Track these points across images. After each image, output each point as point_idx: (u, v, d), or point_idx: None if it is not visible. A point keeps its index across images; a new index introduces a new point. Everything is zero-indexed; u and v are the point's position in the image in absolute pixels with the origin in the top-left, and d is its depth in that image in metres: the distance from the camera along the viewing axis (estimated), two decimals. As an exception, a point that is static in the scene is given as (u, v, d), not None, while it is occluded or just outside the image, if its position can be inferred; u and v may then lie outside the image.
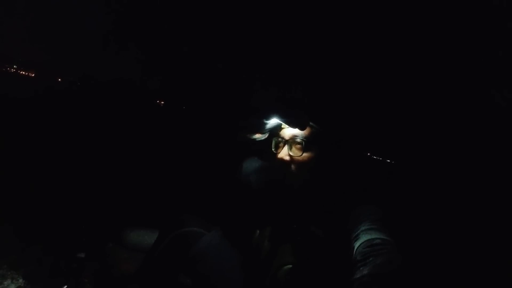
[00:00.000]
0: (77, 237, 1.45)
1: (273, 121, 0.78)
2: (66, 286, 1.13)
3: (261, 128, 0.79)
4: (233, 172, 0.99)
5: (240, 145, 0.86)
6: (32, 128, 4.02)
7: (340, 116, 0.83)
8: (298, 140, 0.77)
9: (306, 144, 0.77)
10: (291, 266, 0.74)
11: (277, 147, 0.82)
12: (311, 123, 0.78)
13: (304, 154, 0.77)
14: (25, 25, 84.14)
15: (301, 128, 0.75)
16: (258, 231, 0.88)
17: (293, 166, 0.79)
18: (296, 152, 0.78)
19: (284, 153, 0.79)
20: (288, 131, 0.80)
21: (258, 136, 0.82)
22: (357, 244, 0.61)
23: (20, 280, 1.12)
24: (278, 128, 0.81)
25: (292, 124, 0.75)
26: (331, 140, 0.79)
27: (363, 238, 0.61)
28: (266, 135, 0.83)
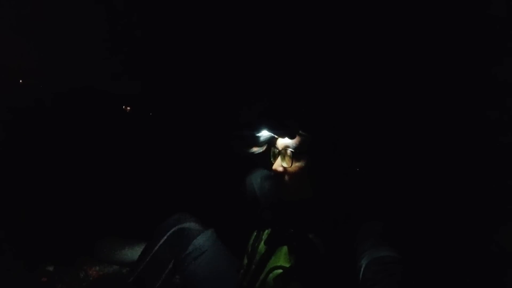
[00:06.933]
0: (45, 249, 1.36)
1: (265, 133, 0.76)
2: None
3: (255, 141, 0.78)
4: (236, 184, 0.99)
5: (238, 157, 0.83)
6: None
7: (332, 123, 0.81)
8: (289, 150, 0.76)
9: (295, 154, 0.75)
10: (281, 271, 0.74)
11: (274, 157, 0.81)
12: (300, 132, 0.76)
13: (295, 164, 0.76)
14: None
15: (291, 137, 0.73)
16: (255, 233, 0.88)
17: (286, 177, 0.78)
18: (287, 162, 0.76)
19: (277, 164, 0.78)
20: (281, 141, 0.79)
21: (255, 149, 0.81)
22: (365, 262, 0.60)
23: (-17, 296, 1.03)
24: (274, 138, 0.80)
25: (281, 134, 0.73)
26: (322, 148, 0.77)
27: (372, 256, 0.59)
28: (264, 147, 0.82)
